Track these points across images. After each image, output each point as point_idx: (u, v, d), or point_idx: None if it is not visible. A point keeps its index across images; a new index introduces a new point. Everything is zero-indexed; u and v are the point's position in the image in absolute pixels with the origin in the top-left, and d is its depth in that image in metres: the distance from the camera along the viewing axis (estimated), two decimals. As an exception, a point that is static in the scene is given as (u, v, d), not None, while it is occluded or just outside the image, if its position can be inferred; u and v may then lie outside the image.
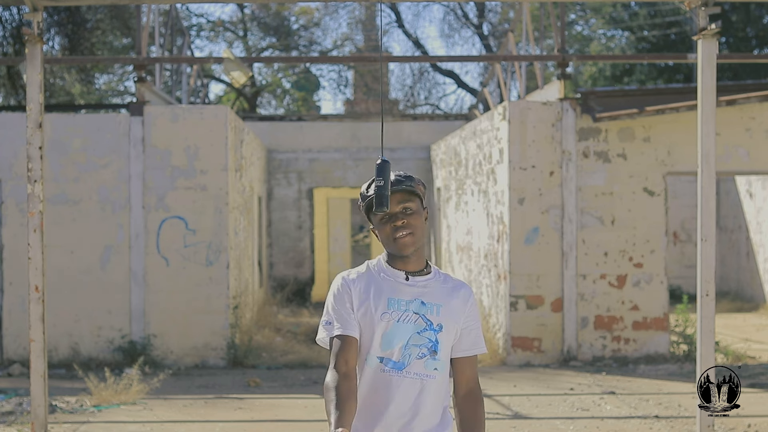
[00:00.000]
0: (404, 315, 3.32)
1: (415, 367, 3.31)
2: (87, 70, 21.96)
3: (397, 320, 3.31)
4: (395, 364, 3.31)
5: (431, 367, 3.32)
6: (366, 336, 3.33)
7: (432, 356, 3.32)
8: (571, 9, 27.00)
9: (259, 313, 15.37)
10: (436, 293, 3.37)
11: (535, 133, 11.87)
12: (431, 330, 3.33)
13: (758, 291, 18.79)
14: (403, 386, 3.31)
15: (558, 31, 13.04)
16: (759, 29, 25.34)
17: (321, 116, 21.39)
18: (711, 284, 7.13)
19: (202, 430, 8.48)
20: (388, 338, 3.31)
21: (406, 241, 3.32)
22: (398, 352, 3.30)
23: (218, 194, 11.81)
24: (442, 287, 3.40)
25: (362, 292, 3.36)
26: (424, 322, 3.33)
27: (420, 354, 3.31)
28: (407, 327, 3.32)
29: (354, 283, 3.38)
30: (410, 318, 3.32)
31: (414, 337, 3.31)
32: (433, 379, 3.33)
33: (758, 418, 8.67)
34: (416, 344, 3.31)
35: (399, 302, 3.33)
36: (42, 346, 7.33)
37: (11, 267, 11.77)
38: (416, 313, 3.33)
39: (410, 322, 3.32)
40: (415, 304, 3.34)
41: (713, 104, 7.16)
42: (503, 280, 12.06)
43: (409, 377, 3.31)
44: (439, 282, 3.41)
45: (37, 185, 7.36)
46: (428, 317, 3.33)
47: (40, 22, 7.37)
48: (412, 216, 3.33)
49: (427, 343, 3.32)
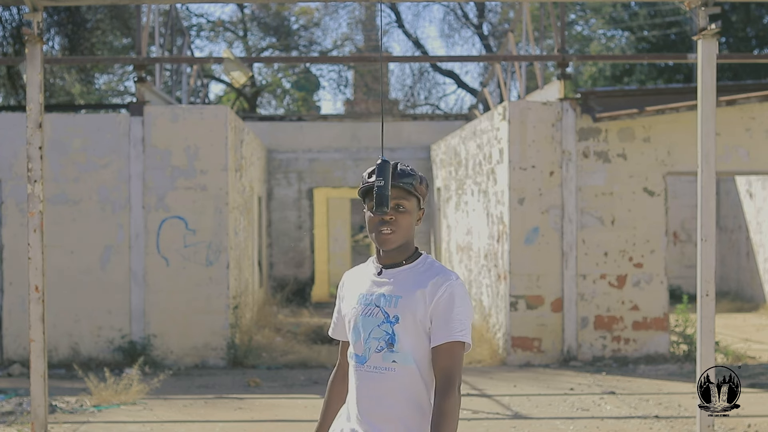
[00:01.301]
0: (367, 309, 3.35)
1: (374, 360, 3.31)
2: (87, 70, 21.96)
3: (361, 314, 3.35)
4: (359, 357, 3.34)
5: (389, 359, 3.29)
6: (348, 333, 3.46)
7: (389, 349, 3.28)
8: (571, 9, 27.00)
9: (259, 313, 15.37)
10: (400, 285, 3.32)
11: (535, 133, 11.87)
12: (388, 322, 3.30)
13: (758, 291, 18.79)
14: (365, 379, 3.31)
15: (558, 31, 13.05)
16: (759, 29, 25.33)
17: (321, 116, 21.39)
18: (711, 284, 7.13)
19: (202, 430, 8.48)
20: (355, 333, 3.37)
21: (387, 237, 3.31)
22: (361, 345, 3.34)
23: (218, 194, 11.81)
24: (412, 278, 3.33)
25: (345, 289, 3.49)
26: (382, 314, 3.32)
27: (378, 347, 3.30)
28: (369, 320, 3.33)
29: (345, 280, 3.53)
30: (372, 311, 3.34)
31: (374, 330, 3.32)
32: (392, 372, 3.28)
33: (758, 418, 8.67)
34: (375, 337, 3.31)
35: (365, 296, 3.37)
36: (42, 346, 7.33)
37: (11, 267, 11.77)
38: (377, 306, 3.33)
39: (371, 315, 3.33)
40: (377, 297, 3.34)
41: (713, 104, 7.16)
42: (503, 280, 12.06)
43: (368, 371, 3.31)
44: (414, 272, 3.34)
45: (37, 185, 7.36)
46: (386, 309, 3.32)
47: (40, 22, 7.37)
48: (403, 214, 3.31)
49: (384, 336, 3.30)
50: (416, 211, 3.35)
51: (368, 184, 3.32)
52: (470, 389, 10.20)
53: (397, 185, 3.31)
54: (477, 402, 9.57)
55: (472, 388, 10.25)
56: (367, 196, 3.35)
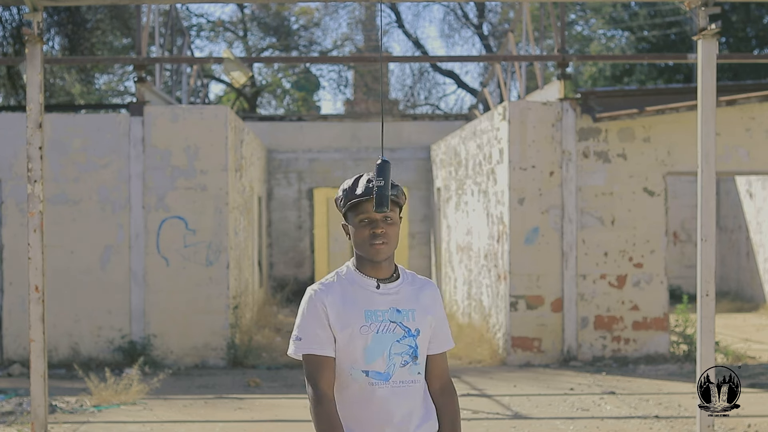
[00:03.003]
0: (382, 325, 3.32)
1: (400, 375, 3.32)
2: (87, 70, 21.96)
3: (377, 331, 3.31)
4: (381, 375, 3.31)
5: (415, 372, 3.35)
6: (346, 350, 3.31)
7: (414, 362, 3.34)
8: (571, 9, 27.00)
9: (259, 313, 15.38)
10: (407, 298, 3.38)
11: (535, 133, 11.87)
12: (410, 336, 3.34)
13: (758, 291, 18.79)
14: (395, 396, 3.31)
15: (558, 31, 13.04)
16: (759, 29, 25.33)
17: (321, 116, 21.40)
18: (711, 284, 7.13)
19: (202, 430, 8.48)
20: (371, 351, 3.30)
21: (381, 248, 3.31)
22: (382, 363, 3.30)
23: (218, 194, 11.81)
24: (411, 289, 3.41)
25: (336, 305, 3.32)
26: (402, 329, 3.33)
27: (403, 362, 3.32)
28: (387, 337, 3.32)
29: (326, 296, 3.34)
30: (388, 327, 3.32)
31: (395, 346, 3.32)
32: (417, 384, 3.36)
33: (758, 418, 8.67)
34: (398, 353, 3.32)
35: (375, 313, 3.32)
36: (42, 346, 7.33)
37: (11, 267, 11.77)
38: (393, 322, 3.33)
39: (389, 332, 3.32)
40: (391, 313, 3.33)
41: (713, 104, 7.16)
42: (503, 280, 12.06)
43: (395, 386, 3.31)
44: (407, 284, 3.42)
45: (37, 185, 7.36)
46: (405, 324, 3.34)
47: (40, 22, 7.37)
48: (391, 226, 3.33)
49: (408, 350, 3.33)
50: (398, 221, 3.38)
51: (356, 198, 3.30)
52: (470, 389, 10.20)
53: None
54: (477, 402, 9.56)
55: (472, 388, 10.25)
56: (352, 210, 3.32)
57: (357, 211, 3.31)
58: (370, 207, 3.28)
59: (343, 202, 3.35)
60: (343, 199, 3.35)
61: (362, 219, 3.31)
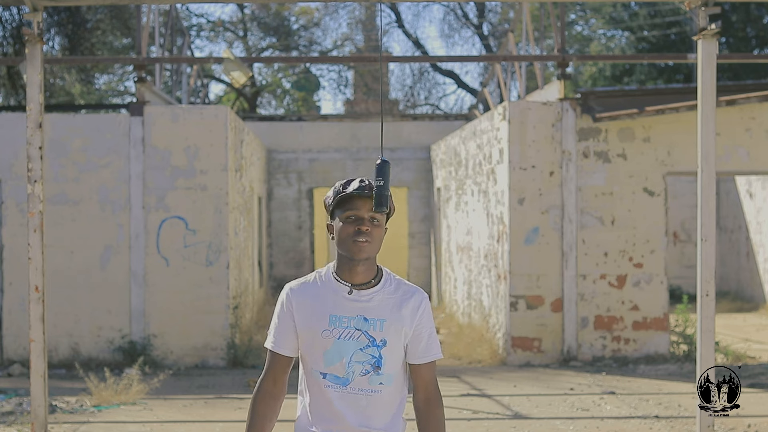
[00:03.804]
0: (345, 332, 3.30)
1: (360, 383, 3.30)
2: (87, 70, 21.95)
3: (338, 337, 3.29)
4: (339, 379, 3.31)
5: (376, 382, 3.31)
6: (309, 351, 3.33)
7: (375, 372, 3.31)
8: (571, 9, 27.00)
9: (259, 313, 15.38)
10: (380, 307, 3.32)
11: (535, 133, 11.88)
12: (374, 346, 3.30)
13: (758, 291, 18.79)
14: (349, 401, 3.30)
15: (558, 31, 13.05)
16: (759, 29, 25.34)
17: (321, 116, 21.40)
18: (711, 284, 7.14)
19: (202, 430, 8.48)
20: (330, 355, 3.30)
21: (363, 246, 3.27)
22: (341, 368, 3.30)
23: (218, 194, 11.81)
24: (389, 299, 3.34)
25: (304, 306, 3.33)
26: (366, 338, 3.30)
27: (363, 370, 3.30)
28: (349, 344, 3.29)
29: (297, 296, 3.35)
30: (352, 334, 3.30)
31: (357, 354, 3.30)
32: (378, 393, 3.32)
33: (758, 418, 8.67)
34: (359, 361, 3.29)
35: (341, 319, 3.30)
36: (42, 346, 7.33)
37: (11, 267, 11.77)
38: (358, 330, 3.30)
39: (352, 339, 3.30)
40: (357, 321, 3.31)
41: (713, 104, 7.17)
42: (503, 280, 12.06)
43: (353, 393, 3.30)
44: (387, 293, 3.35)
45: (37, 185, 7.36)
46: (371, 333, 3.30)
47: (40, 22, 7.38)
48: (377, 228, 3.30)
49: (370, 360, 3.30)
50: (384, 226, 3.35)
51: (345, 193, 3.29)
52: (470, 389, 10.20)
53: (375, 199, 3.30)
54: (477, 402, 9.57)
55: (472, 388, 10.26)
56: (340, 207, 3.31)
57: (345, 207, 3.29)
58: (360, 204, 3.27)
59: (332, 199, 3.34)
60: (333, 196, 3.34)
61: (349, 215, 3.29)
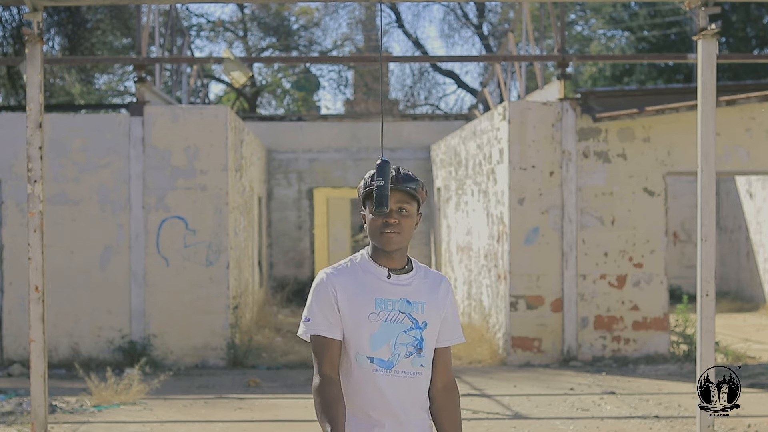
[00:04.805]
0: (391, 314, 3.35)
1: (404, 365, 3.35)
2: (87, 70, 21.95)
3: (385, 320, 3.34)
4: (384, 363, 3.34)
5: (417, 364, 3.38)
6: (353, 335, 3.34)
7: (418, 353, 3.37)
8: (571, 9, 27.00)
9: (259, 313, 15.38)
10: (419, 291, 3.41)
11: (535, 133, 11.88)
12: (417, 328, 3.37)
13: (758, 291, 18.79)
14: (393, 384, 3.35)
15: (558, 31, 13.05)
16: (759, 29, 25.33)
17: (321, 116, 21.40)
18: (711, 284, 7.14)
19: (202, 430, 8.48)
20: (377, 338, 3.34)
21: (392, 238, 3.33)
22: (387, 351, 3.34)
23: (218, 194, 11.81)
24: (424, 283, 3.44)
25: (348, 290, 3.35)
26: (410, 320, 3.37)
27: (407, 352, 3.36)
28: (395, 326, 3.35)
29: (338, 280, 3.37)
30: (397, 317, 3.36)
31: (401, 336, 3.35)
32: (419, 376, 3.39)
33: (758, 418, 8.67)
34: (403, 343, 3.35)
35: (386, 302, 3.35)
36: (42, 346, 7.33)
37: (11, 267, 11.77)
38: (402, 312, 3.36)
39: (397, 322, 3.35)
40: (401, 303, 3.37)
41: (713, 104, 7.17)
42: (503, 280, 12.06)
43: (397, 375, 3.35)
44: (420, 278, 3.44)
45: (37, 185, 7.36)
46: (414, 315, 3.37)
47: (40, 22, 7.37)
48: (406, 218, 3.35)
49: (413, 342, 3.37)
50: (416, 215, 3.40)
51: (371, 186, 3.33)
52: (470, 389, 10.20)
53: (402, 189, 3.34)
54: (477, 402, 9.57)
55: (472, 388, 10.26)
56: (369, 199, 3.37)
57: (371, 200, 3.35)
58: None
59: (362, 191, 3.39)
60: (362, 188, 3.39)
61: None
